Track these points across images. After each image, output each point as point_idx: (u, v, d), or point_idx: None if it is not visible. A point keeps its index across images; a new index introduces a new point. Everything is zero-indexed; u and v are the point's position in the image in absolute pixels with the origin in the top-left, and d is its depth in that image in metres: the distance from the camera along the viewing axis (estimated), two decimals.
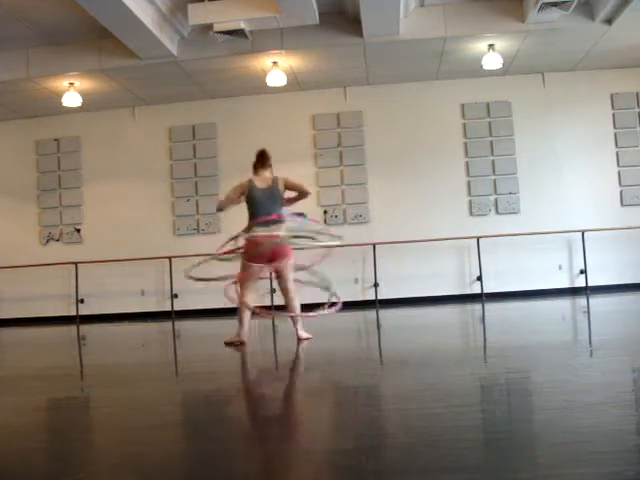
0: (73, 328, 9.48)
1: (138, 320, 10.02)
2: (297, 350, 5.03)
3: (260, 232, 5.39)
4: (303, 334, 5.40)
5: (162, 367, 4.88)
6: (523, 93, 10.26)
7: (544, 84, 10.27)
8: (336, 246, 5.76)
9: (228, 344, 5.34)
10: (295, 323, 5.50)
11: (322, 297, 10.05)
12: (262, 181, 5.64)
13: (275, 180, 5.65)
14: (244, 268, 5.52)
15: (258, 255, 5.38)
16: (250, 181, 5.64)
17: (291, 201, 5.72)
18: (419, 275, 10.14)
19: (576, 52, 9.35)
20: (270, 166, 5.75)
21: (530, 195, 10.15)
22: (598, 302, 8.41)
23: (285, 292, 5.58)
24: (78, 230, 10.86)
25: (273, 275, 5.64)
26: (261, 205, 5.53)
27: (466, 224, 10.15)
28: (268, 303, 9.40)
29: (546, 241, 9.96)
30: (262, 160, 5.73)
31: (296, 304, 5.52)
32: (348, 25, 8.44)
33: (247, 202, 5.62)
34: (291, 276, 5.54)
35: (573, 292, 9.97)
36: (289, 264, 5.50)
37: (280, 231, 5.41)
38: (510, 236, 9.94)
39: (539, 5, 7.59)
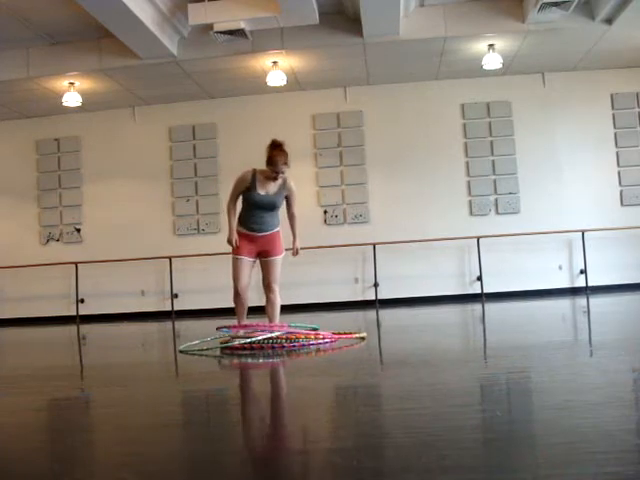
0: (73, 328, 9.48)
1: (138, 320, 10.03)
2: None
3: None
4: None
5: (162, 367, 4.88)
6: (523, 93, 10.27)
7: (544, 84, 10.28)
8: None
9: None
10: (272, 320, 5.33)
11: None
12: (264, 184, 5.25)
13: (282, 185, 5.29)
14: (234, 264, 5.25)
15: (248, 248, 5.22)
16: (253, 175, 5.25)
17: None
18: (419, 275, 10.14)
19: (576, 52, 9.35)
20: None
21: (530, 195, 10.16)
22: (598, 302, 8.40)
23: (270, 289, 5.31)
24: (78, 230, 10.87)
25: (261, 271, 5.33)
26: (255, 211, 5.25)
27: (466, 224, 10.15)
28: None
29: (546, 241, 9.97)
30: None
31: (278, 302, 5.31)
32: (348, 25, 8.45)
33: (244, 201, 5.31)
34: (278, 274, 5.31)
35: (573, 292, 9.98)
36: (279, 261, 5.30)
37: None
38: (510, 236, 9.95)
39: (539, 5, 7.60)
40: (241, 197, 5.34)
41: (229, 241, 5.29)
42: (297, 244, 5.42)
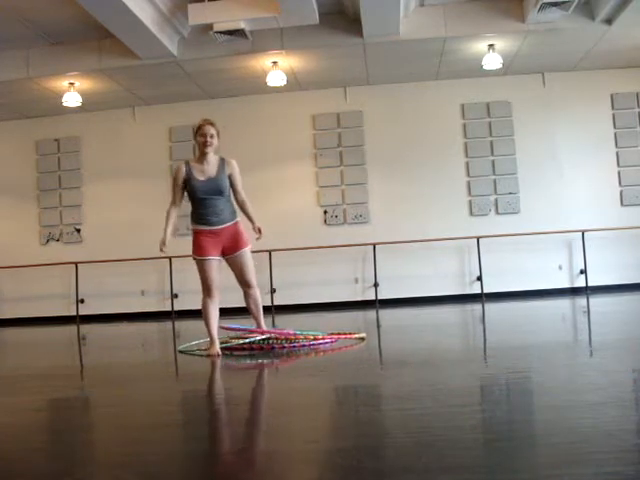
0: (73, 328, 9.48)
1: (138, 320, 10.02)
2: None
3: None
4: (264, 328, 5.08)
5: (162, 367, 4.88)
6: (523, 93, 10.26)
7: (544, 84, 10.27)
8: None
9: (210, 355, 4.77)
10: (259, 321, 5.11)
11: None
12: (201, 169, 4.92)
13: (221, 165, 4.94)
14: (202, 267, 4.95)
15: (212, 246, 4.87)
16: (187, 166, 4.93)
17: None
18: (419, 275, 10.14)
19: (576, 52, 9.35)
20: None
21: (530, 195, 10.15)
22: (598, 302, 8.40)
23: (248, 285, 4.96)
24: (78, 230, 10.86)
25: (232, 269, 4.99)
26: (203, 201, 4.88)
27: (466, 224, 10.15)
28: (268, 303, 9.40)
29: (546, 241, 9.97)
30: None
31: (259, 296, 5.05)
32: (348, 25, 8.45)
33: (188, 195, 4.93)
34: (253, 267, 4.97)
35: (573, 292, 9.97)
36: (248, 253, 4.95)
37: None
38: (510, 236, 9.95)
39: (539, 5, 7.60)
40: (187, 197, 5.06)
41: (160, 247, 4.99)
42: (257, 224, 5.01)
